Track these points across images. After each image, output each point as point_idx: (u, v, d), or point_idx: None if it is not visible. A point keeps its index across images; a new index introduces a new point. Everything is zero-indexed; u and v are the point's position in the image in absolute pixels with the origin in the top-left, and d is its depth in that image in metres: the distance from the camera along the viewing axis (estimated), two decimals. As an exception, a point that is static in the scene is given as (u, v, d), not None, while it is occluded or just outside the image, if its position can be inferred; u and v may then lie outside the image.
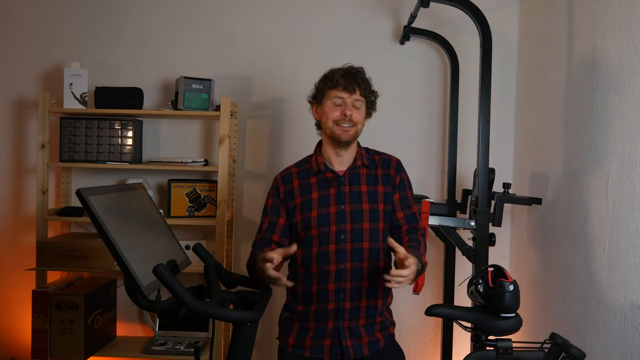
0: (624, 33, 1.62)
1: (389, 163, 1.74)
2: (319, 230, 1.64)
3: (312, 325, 1.65)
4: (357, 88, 1.65)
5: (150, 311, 1.51)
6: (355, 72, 1.67)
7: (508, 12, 2.61)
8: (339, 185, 1.67)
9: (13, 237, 2.75)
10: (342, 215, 1.64)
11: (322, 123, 1.70)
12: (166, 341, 2.52)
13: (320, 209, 1.66)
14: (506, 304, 1.42)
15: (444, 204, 2.47)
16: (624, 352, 1.57)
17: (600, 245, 1.72)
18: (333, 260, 1.63)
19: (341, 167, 1.70)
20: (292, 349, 1.68)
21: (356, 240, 1.63)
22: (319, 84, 1.71)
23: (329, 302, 1.63)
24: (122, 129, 2.52)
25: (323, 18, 2.67)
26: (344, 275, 1.62)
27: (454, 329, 2.49)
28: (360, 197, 1.66)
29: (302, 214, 1.67)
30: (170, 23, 2.71)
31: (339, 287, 1.62)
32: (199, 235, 2.70)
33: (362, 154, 1.73)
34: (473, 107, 2.42)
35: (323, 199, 1.67)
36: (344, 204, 1.65)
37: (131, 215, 1.53)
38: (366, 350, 1.63)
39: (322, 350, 1.63)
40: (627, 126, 1.59)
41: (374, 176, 1.71)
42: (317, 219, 1.65)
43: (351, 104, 1.64)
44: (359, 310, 1.63)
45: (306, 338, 1.66)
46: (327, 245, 1.63)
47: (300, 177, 1.72)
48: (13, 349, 2.75)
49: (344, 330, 1.62)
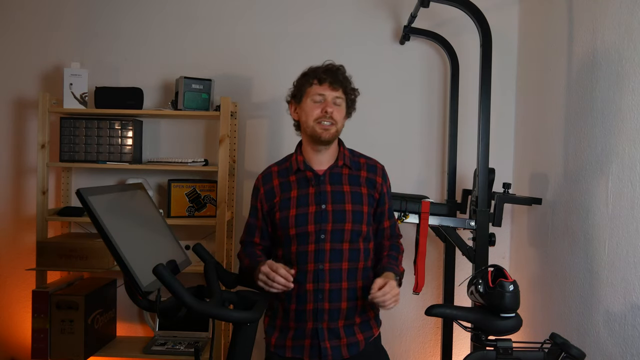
0: (624, 33, 1.62)
1: (375, 169, 1.72)
2: (297, 229, 1.62)
3: (292, 325, 1.63)
4: (338, 85, 1.62)
5: (150, 311, 1.51)
6: (336, 69, 1.64)
7: (508, 12, 2.61)
8: (319, 184, 1.64)
9: (13, 237, 2.75)
10: (324, 215, 1.61)
11: (302, 122, 1.66)
12: (166, 341, 2.52)
13: (299, 208, 1.63)
14: (506, 304, 1.42)
15: (444, 204, 2.46)
16: (624, 352, 1.57)
17: (600, 245, 1.72)
18: (312, 260, 1.60)
19: (321, 167, 1.67)
20: (273, 349, 1.66)
21: (336, 240, 1.61)
22: (298, 82, 1.68)
23: (307, 303, 1.60)
24: (122, 129, 2.52)
25: (323, 18, 2.67)
26: (322, 276, 1.59)
27: (454, 329, 2.49)
28: (343, 197, 1.64)
29: (281, 212, 1.65)
30: (170, 23, 2.71)
31: (318, 288, 1.59)
32: (199, 235, 2.70)
33: (345, 154, 1.70)
34: (473, 107, 2.42)
35: (302, 197, 1.64)
36: (325, 204, 1.62)
37: (131, 215, 1.53)
38: (345, 352, 1.60)
39: (302, 350, 1.61)
40: (627, 126, 1.59)
41: (357, 177, 1.68)
42: (295, 218, 1.62)
43: (332, 101, 1.62)
44: (338, 311, 1.60)
45: (287, 338, 1.64)
46: (307, 245, 1.61)
47: (281, 176, 1.70)
48: (13, 349, 2.75)
49: (322, 331, 1.59)
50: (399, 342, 2.68)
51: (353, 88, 1.69)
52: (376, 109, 2.62)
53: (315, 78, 1.63)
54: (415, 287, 2.15)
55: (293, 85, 1.70)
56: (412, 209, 2.14)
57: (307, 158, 1.69)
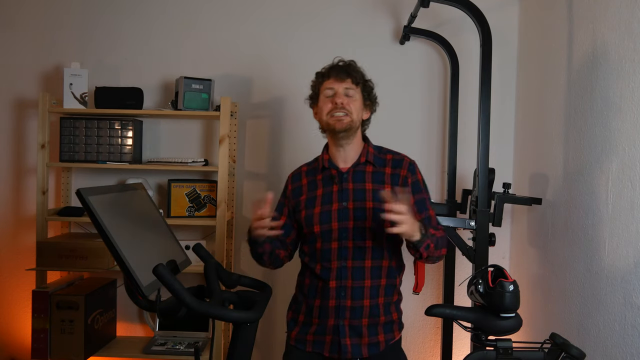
0: (624, 33, 1.62)
1: (400, 163, 1.70)
2: (321, 227, 1.64)
3: (315, 321, 1.66)
4: (346, 76, 1.64)
5: (150, 311, 1.51)
6: (345, 63, 1.68)
7: (508, 12, 2.61)
8: (342, 182, 1.67)
9: (13, 237, 2.75)
10: (345, 213, 1.63)
11: (320, 121, 1.70)
12: (166, 341, 2.52)
13: (323, 205, 1.66)
14: (506, 304, 1.42)
15: (444, 204, 2.47)
16: (624, 352, 1.57)
17: (600, 245, 1.72)
18: (335, 257, 1.63)
19: (345, 164, 1.69)
20: (294, 342, 1.69)
21: (359, 238, 1.63)
22: (313, 84, 1.73)
23: (329, 299, 1.63)
24: (122, 129, 2.52)
25: (323, 18, 2.67)
26: (345, 273, 1.62)
27: (454, 329, 2.49)
28: (364, 195, 1.64)
29: (307, 210, 1.68)
30: (170, 23, 2.71)
31: (340, 285, 1.62)
32: (199, 235, 2.70)
33: (370, 150, 1.71)
34: (473, 107, 2.42)
35: (326, 195, 1.67)
36: (346, 201, 1.64)
37: (131, 215, 1.53)
38: (365, 351, 1.62)
39: (322, 346, 1.64)
40: (627, 126, 1.59)
41: (381, 174, 1.68)
42: (320, 215, 1.65)
43: (342, 92, 1.64)
44: (361, 309, 1.62)
45: (308, 333, 1.66)
46: (330, 243, 1.64)
47: (309, 175, 1.75)
48: (13, 349, 2.75)
49: (343, 328, 1.62)
50: (399, 342, 2.67)
51: (366, 79, 1.71)
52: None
53: (324, 75, 1.67)
54: (415, 287, 2.14)
55: (310, 89, 1.74)
56: (412, 209, 2.14)
57: (332, 156, 1.72)
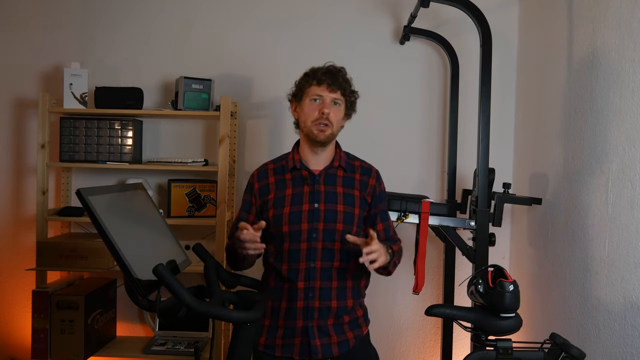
0: (624, 33, 1.62)
1: (369, 172, 1.74)
2: (290, 227, 1.63)
3: (282, 324, 1.64)
4: (337, 87, 1.64)
5: (150, 311, 1.52)
6: (337, 71, 1.66)
7: (508, 12, 2.61)
8: (314, 183, 1.66)
9: (13, 237, 2.75)
10: (316, 214, 1.63)
11: (300, 122, 1.68)
12: (166, 341, 2.52)
13: (293, 206, 1.64)
14: (506, 304, 1.42)
15: (444, 204, 2.46)
16: (624, 352, 1.57)
17: (600, 245, 1.72)
18: (303, 258, 1.61)
19: (317, 167, 1.69)
20: (263, 348, 1.66)
21: (328, 240, 1.62)
22: (299, 82, 1.70)
23: (297, 300, 1.61)
24: (122, 129, 2.52)
25: (323, 18, 2.67)
26: (313, 274, 1.61)
27: (454, 329, 2.49)
28: (335, 197, 1.65)
29: (275, 209, 1.66)
30: (170, 23, 2.71)
31: (309, 286, 1.61)
32: (199, 235, 2.70)
33: (342, 156, 1.73)
34: (473, 107, 2.41)
35: (296, 196, 1.66)
36: (318, 203, 1.64)
37: (131, 215, 1.53)
38: (336, 350, 1.61)
39: (292, 349, 1.62)
40: (627, 126, 1.59)
41: (351, 179, 1.70)
42: (289, 215, 1.63)
43: (330, 102, 1.63)
44: (328, 310, 1.62)
45: (276, 337, 1.64)
46: (299, 243, 1.62)
47: (276, 173, 1.72)
48: (13, 349, 2.75)
49: (312, 329, 1.60)
50: (399, 342, 2.67)
51: (353, 90, 1.70)
52: (376, 109, 2.62)
53: (315, 79, 1.64)
54: (415, 287, 2.15)
55: (295, 85, 1.72)
56: (412, 209, 2.14)
57: (304, 157, 1.70)
